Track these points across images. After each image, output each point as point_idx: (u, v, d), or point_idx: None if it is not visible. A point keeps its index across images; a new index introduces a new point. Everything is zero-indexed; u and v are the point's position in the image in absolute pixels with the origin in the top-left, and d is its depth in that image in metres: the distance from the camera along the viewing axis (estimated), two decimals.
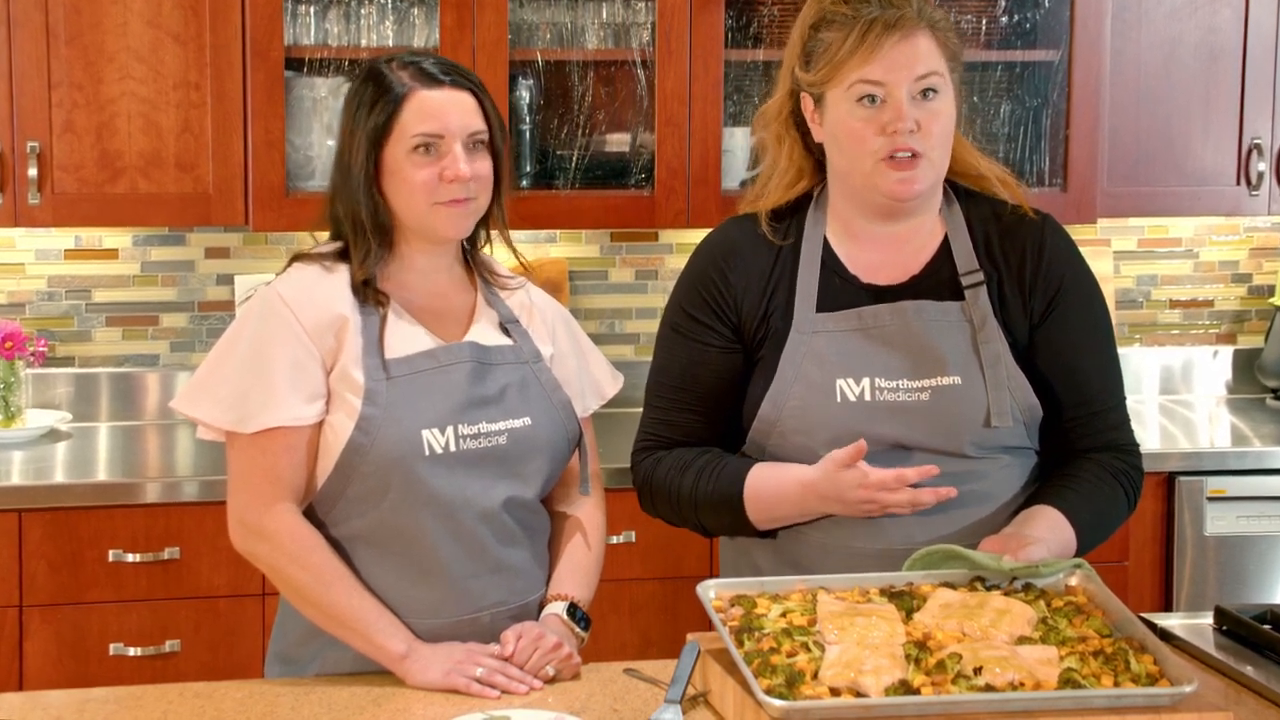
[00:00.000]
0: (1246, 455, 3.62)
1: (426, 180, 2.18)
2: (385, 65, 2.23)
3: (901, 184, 2.21)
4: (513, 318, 2.32)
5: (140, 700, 2.07)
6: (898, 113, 2.18)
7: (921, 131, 2.19)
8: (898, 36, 2.18)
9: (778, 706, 1.81)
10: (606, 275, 4.00)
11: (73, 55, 3.43)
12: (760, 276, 2.30)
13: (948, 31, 2.23)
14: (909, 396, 2.22)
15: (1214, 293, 4.25)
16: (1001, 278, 2.28)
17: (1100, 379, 2.30)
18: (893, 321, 2.25)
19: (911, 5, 2.21)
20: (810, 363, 2.24)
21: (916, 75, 2.18)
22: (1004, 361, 2.24)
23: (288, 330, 2.16)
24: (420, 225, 2.22)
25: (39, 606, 3.20)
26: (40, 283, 3.77)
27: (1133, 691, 1.85)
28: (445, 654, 2.13)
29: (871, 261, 2.30)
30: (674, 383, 2.33)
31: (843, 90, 2.21)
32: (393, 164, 2.20)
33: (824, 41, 2.22)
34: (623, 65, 3.68)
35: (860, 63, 2.18)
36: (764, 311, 2.29)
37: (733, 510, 2.26)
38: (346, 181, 2.22)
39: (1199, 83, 3.86)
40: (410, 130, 2.18)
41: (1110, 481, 2.28)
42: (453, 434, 2.18)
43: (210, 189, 3.49)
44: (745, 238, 2.32)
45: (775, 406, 2.25)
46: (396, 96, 2.19)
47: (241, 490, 2.18)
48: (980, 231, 2.31)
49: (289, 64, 3.48)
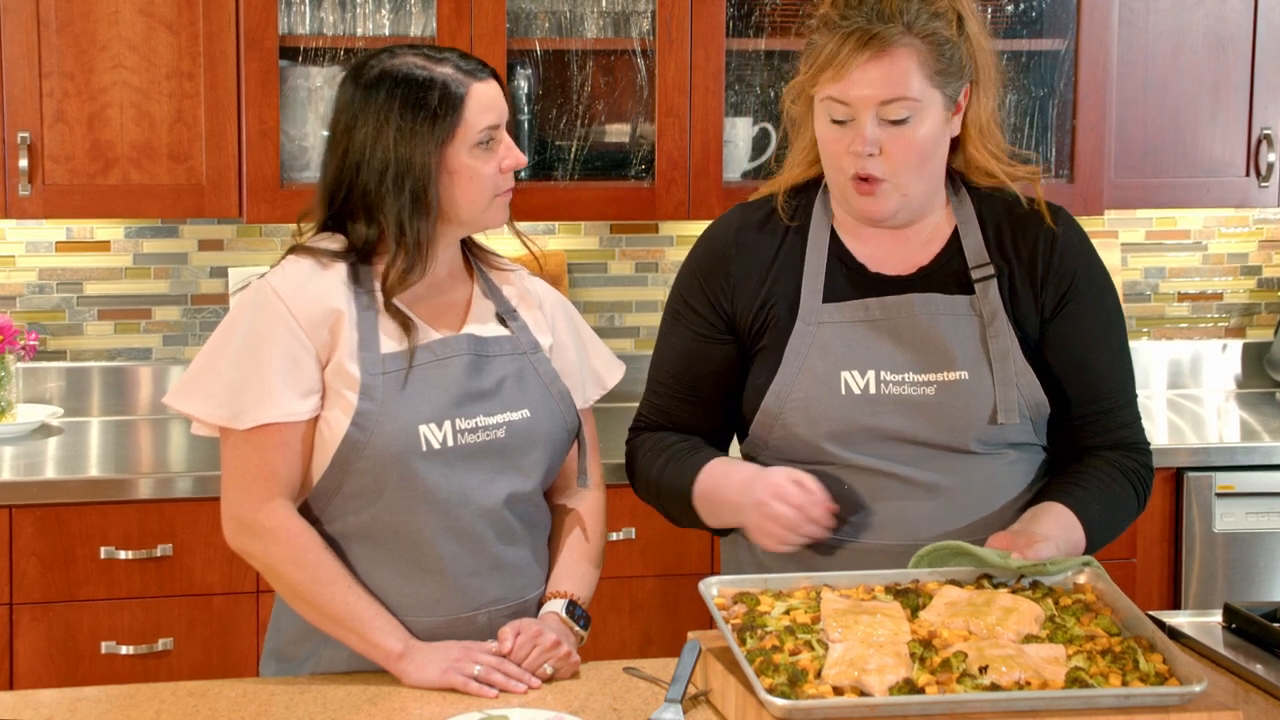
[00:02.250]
0: (1256, 450, 3.61)
1: (492, 173, 2.19)
2: (411, 64, 2.17)
3: (862, 206, 2.21)
4: (510, 308, 2.30)
5: (133, 699, 2.07)
6: (859, 136, 2.15)
7: (884, 156, 2.16)
8: (867, 56, 2.13)
9: (780, 705, 1.80)
10: (606, 267, 3.99)
11: (64, 44, 3.42)
12: (761, 265, 2.27)
13: (945, 45, 2.16)
14: (915, 390, 2.20)
15: (1223, 285, 4.25)
16: (1013, 272, 2.25)
17: (1111, 376, 2.28)
18: (900, 313, 2.23)
19: (901, 18, 2.14)
20: (815, 354, 2.22)
21: (881, 100, 2.14)
22: (1012, 357, 2.21)
23: (282, 324, 2.14)
24: (474, 220, 2.22)
25: (29, 604, 3.20)
26: (31, 275, 3.77)
27: (1141, 691, 1.84)
28: (442, 652, 2.13)
29: (878, 252, 2.27)
30: (670, 369, 2.33)
31: (819, 100, 2.19)
32: (456, 164, 2.17)
33: (814, 44, 2.19)
34: (623, 54, 3.67)
35: (830, 79, 2.16)
36: (761, 301, 2.26)
37: (687, 503, 2.24)
38: (397, 192, 2.15)
39: (1207, 72, 3.85)
40: (476, 126, 2.16)
41: (1121, 480, 2.25)
42: (450, 428, 2.17)
43: (203, 180, 3.48)
44: (750, 225, 2.30)
45: (779, 399, 2.23)
46: (458, 98, 2.15)
47: (236, 487, 2.16)
48: (992, 225, 2.28)
49: (283, 53, 3.48)
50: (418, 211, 2.16)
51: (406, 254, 2.17)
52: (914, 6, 2.15)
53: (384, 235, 2.18)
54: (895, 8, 2.14)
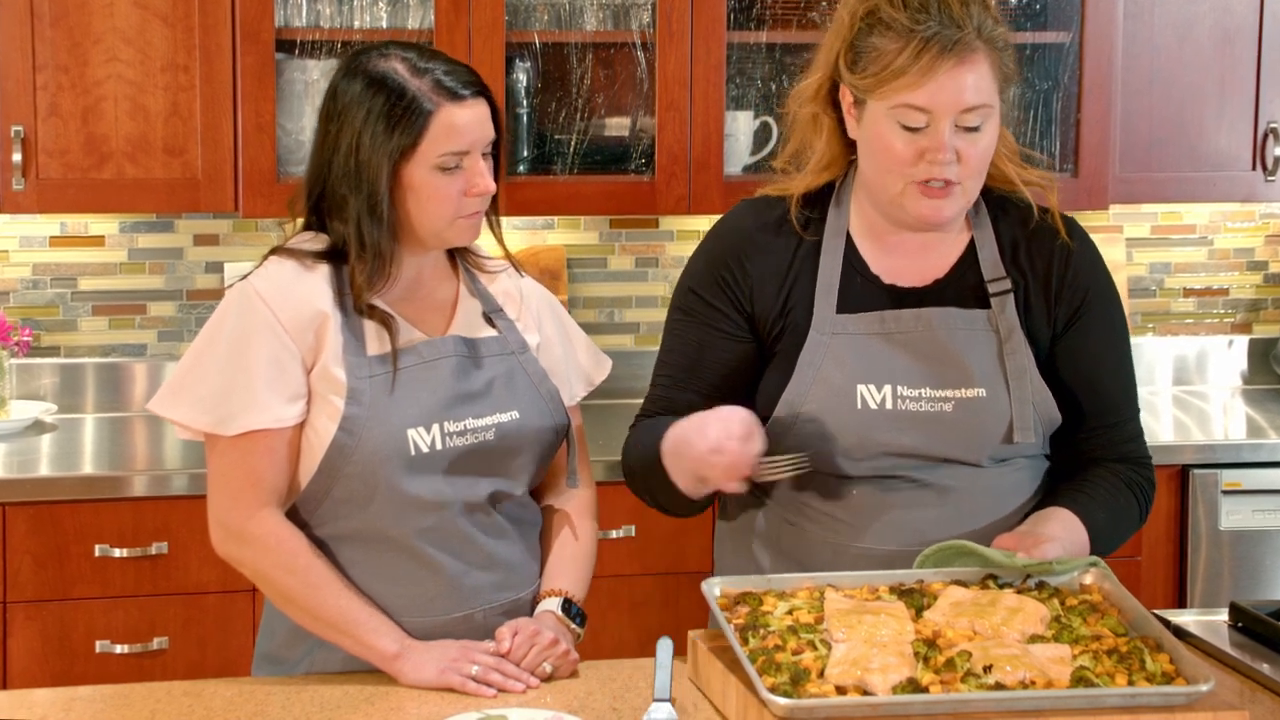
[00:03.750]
0: (1262, 447, 3.60)
1: (453, 197, 2.14)
2: (394, 69, 2.13)
3: (931, 211, 2.16)
4: (496, 307, 2.29)
5: (127, 699, 2.06)
6: (938, 143, 2.11)
7: (960, 162, 2.13)
8: (952, 62, 2.09)
9: (782, 705, 1.79)
10: (605, 263, 3.98)
11: (58, 37, 3.41)
12: (779, 269, 2.24)
13: (1005, 51, 2.15)
14: (931, 407, 2.19)
15: (1229, 281, 4.23)
16: (1028, 285, 2.25)
17: (1119, 391, 2.28)
18: (918, 327, 2.21)
19: (972, 20, 2.11)
20: (830, 365, 2.20)
21: (965, 107, 2.10)
22: (1029, 375, 2.21)
23: (266, 328, 2.13)
24: (433, 237, 2.18)
25: (23, 603, 3.19)
26: (25, 270, 3.76)
27: (1147, 690, 1.84)
28: (439, 652, 2.12)
29: (894, 262, 2.25)
30: (680, 363, 2.28)
31: (885, 106, 2.13)
32: (414, 180, 2.13)
33: (875, 48, 2.13)
34: (622, 47, 3.66)
35: (909, 86, 2.09)
36: (782, 306, 2.23)
37: (659, 467, 2.15)
38: (356, 196, 2.13)
39: (1214, 65, 3.84)
40: (438, 150, 2.12)
41: (1125, 491, 2.26)
42: (439, 431, 2.15)
43: (199, 174, 3.47)
44: (765, 225, 2.27)
45: (791, 410, 2.20)
46: (423, 114, 2.11)
47: (222, 493, 2.15)
48: (1008, 237, 2.26)
49: (280, 46, 3.47)
50: (374, 219, 2.13)
51: (365, 261, 2.14)
52: (977, 11, 2.12)
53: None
54: (965, 13, 2.11)
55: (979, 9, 2.12)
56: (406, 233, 2.17)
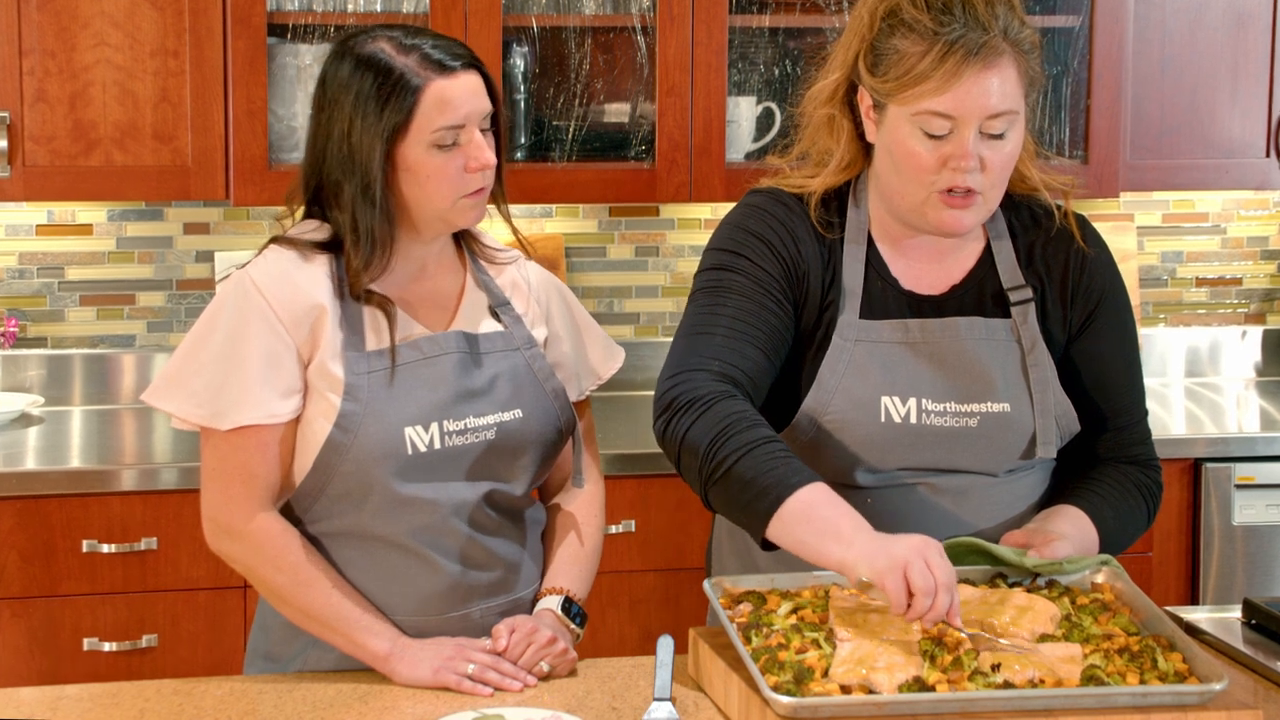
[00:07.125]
0: (1276, 441, 3.59)
1: (452, 175, 2.10)
2: (380, 49, 2.11)
3: (953, 221, 2.11)
4: (504, 299, 2.25)
5: (116, 697, 2.06)
6: (962, 150, 2.05)
7: (984, 170, 2.08)
8: (979, 66, 2.03)
9: (785, 704, 1.79)
10: (605, 252, 3.97)
11: (45, 21, 3.39)
12: (818, 263, 2.17)
13: (1031, 54, 2.09)
14: (956, 422, 2.16)
15: (1242, 270, 4.23)
16: (1044, 289, 2.22)
17: (1129, 394, 2.27)
18: (942, 337, 2.17)
19: (998, 22, 2.04)
20: (853, 374, 2.15)
21: (990, 114, 2.04)
22: (1051, 386, 2.19)
23: (262, 319, 2.10)
24: (438, 219, 2.15)
25: (9, 599, 3.18)
26: (11, 260, 3.74)
27: (1159, 689, 1.84)
28: (434, 650, 2.10)
29: (911, 267, 2.21)
30: (736, 315, 2.11)
31: (907, 112, 2.07)
32: (410, 161, 2.10)
33: (897, 50, 2.06)
34: (622, 31, 3.65)
35: (933, 91, 2.03)
36: (821, 303, 2.16)
37: (758, 506, 1.98)
38: (350, 181, 2.10)
39: (1226, 50, 3.83)
40: (432, 125, 2.09)
41: (1134, 493, 2.25)
42: (437, 430, 2.14)
43: (189, 161, 3.45)
44: (795, 216, 2.19)
45: (812, 418, 2.16)
46: (412, 90, 2.08)
47: (215, 487, 2.15)
48: (1024, 241, 2.23)
49: (272, 30, 3.45)
50: (368, 204, 2.10)
51: (359, 248, 2.11)
52: (1003, 12, 2.06)
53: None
54: (990, 14, 2.05)
55: (1005, 9, 2.06)
56: (405, 219, 2.15)
